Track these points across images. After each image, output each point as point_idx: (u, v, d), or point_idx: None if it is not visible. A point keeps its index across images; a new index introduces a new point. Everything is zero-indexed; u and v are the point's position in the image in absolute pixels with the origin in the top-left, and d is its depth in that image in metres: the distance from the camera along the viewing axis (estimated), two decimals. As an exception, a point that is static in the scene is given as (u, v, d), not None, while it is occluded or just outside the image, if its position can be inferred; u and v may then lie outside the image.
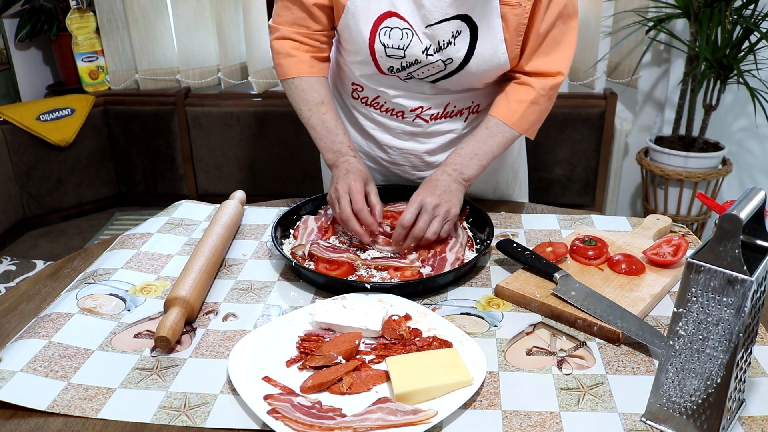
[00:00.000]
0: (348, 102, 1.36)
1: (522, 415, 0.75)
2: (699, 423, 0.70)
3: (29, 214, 2.54)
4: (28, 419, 0.76)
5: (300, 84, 1.25)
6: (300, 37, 1.24)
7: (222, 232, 1.12)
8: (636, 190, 2.98)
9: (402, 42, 1.16)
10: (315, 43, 1.25)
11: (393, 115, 1.30)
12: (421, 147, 1.33)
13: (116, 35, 2.72)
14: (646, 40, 2.57)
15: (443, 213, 1.10)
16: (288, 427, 0.71)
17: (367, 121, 1.34)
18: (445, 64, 1.17)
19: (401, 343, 0.87)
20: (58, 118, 2.52)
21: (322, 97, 1.24)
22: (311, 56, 1.26)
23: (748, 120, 2.70)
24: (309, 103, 1.23)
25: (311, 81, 1.25)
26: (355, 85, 1.31)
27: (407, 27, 1.15)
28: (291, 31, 1.24)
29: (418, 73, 1.20)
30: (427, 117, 1.28)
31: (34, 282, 1.08)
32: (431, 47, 1.16)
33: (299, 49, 1.25)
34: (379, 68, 1.21)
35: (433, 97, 1.25)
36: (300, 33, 1.24)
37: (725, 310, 0.65)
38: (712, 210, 1.47)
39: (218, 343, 0.89)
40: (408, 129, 1.31)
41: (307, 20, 1.23)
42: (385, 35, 1.16)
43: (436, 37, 1.15)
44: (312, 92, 1.24)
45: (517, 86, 1.21)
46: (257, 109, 2.64)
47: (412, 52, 1.16)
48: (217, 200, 1.36)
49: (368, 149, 1.38)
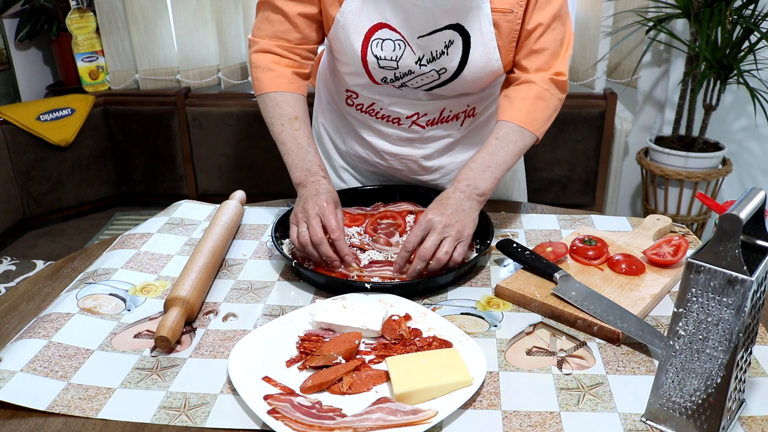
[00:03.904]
0: (343, 109, 1.35)
1: (522, 415, 0.75)
2: (699, 423, 0.70)
3: (29, 214, 2.54)
4: (28, 419, 0.76)
5: (276, 98, 1.19)
6: (281, 51, 1.20)
7: (222, 232, 1.12)
8: (636, 190, 2.98)
9: (395, 53, 1.14)
10: (296, 57, 1.21)
11: (389, 122, 1.28)
12: (418, 152, 1.32)
13: (116, 35, 2.72)
14: (646, 40, 2.58)
15: (455, 234, 1.01)
16: (288, 427, 0.71)
17: (363, 127, 1.33)
18: (439, 73, 1.17)
19: (401, 343, 0.87)
20: (58, 118, 2.52)
21: (297, 113, 1.18)
22: (292, 71, 1.21)
23: (748, 120, 2.70)
24: (282, 118, 1.17)
25: (287, 96, 1.19)
26: (349, 92, 1.29)
27: (399, 38, 1.13)
28: (271, 44, 1.20)
29: (412, 82, 1.19)
30: (423, 123, 1.27)
31: (34, 282, 1.08)
32: (424, 57, 1.15)
33: (279, 63, 1.21)
34: (373, 79, 1.20)
35: (428, 104, 1.24)
36: (281, 46, 1.20)
37: (725, 310, 0.65)
38: (712, 210, 1.47)
39: (218, 343, 0.89)
40: (404, 135, 1.29)
41: (289, 32, 1.19)
42: (377, 47, 1.15)
43: (428, 47, 1.14)
44: (287, 106, 1.18)
45: (518, 87, 1.18)
46: (257, 109, 2.61)
47: (405, 63, 1.15)
48: (217, 200, 1.36)
49: (365, 155, 1.37)
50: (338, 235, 1.03)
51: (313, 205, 1.06)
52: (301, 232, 1.04)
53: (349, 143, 1.38)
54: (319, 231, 1.02)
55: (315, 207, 1.05)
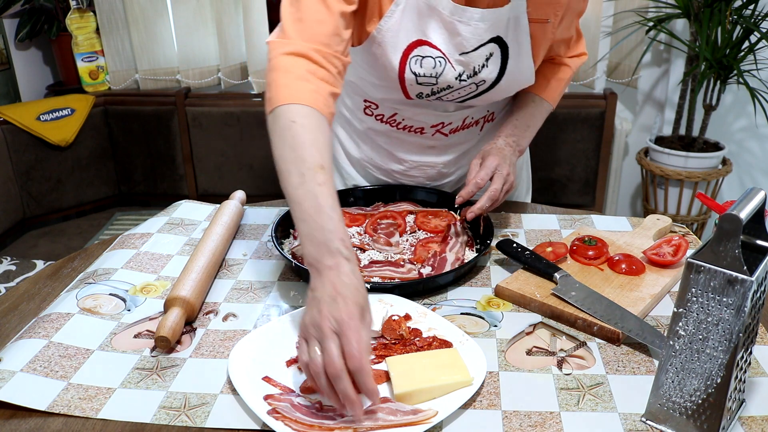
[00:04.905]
0: (358, 117, 1.29)
1: (522, 415, 0.75)
2: (699, 423, 0.70)
3: (29, 214, 2.54)
4: (28, 419, 0.76)
5: (305, 126, 0.88)
6: (318, 57, 0.95)
7: (222, 232, 1.12)
8: (636, 190, 2.98)
9: (435, 70, 1.09)
10: (332, 69, 0.97)
11: (411, 132, 1.25)
12: (439, 159, 1.30)
13: (116, 35, 2.72)
14: (646, 40, 2.58)
15: (511, 182, 1.13)
16: (288, 427, 0.71)
17: (381, 136, 1.29)
18: (477, 86, 1.14)
19: (401, 343, 0.87)
20: (58, 118, 2.52)
21: (324, 160, 0.87)
22: (330, 91, 0.95)
23: (748, 120, 2.70)
24: (303, 165, 0.85)
25: (319, 127, 0.90)
26: (368, 102, 1.24)
27: (440, 55, 1.08)
28: (308, 47, 0.95)
29: (448, 96, 1.16)
30: (446, 132, 1.25)
31: (34, 282, 1.08)
32: (464, 73, 1.11)
33: (316, 74, 0.94)
34: (407, 95, 1.14)
35: (453, 114, 1.22)
36: (319, 51, 0.95)
37: (725, 310, 0.65)
38: (712, 210, 1.47)
39: (218, 343, 0.89)
40: (427, 143, 1.27)
41: (330, 36, 0.97)
42: (416, 64, 1.09)
43: (471, 63, 1.10)
44: (312, 149, 0.87)
45: (554, 66, 1.27)
46: (257, 109, 2.64)
47: (445, 79, 1.11)
48: (217, 200, 1.35)
49: (380, 162, 1.33)
50: (360, 364, 0.70)
51: (329, 317, 0.73)
52: (312, 356, 0.73)
53: (363, 150, 1.34)
54: (336, 359, 0.71)
55: (331, 320, 0.73)
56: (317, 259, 0.80)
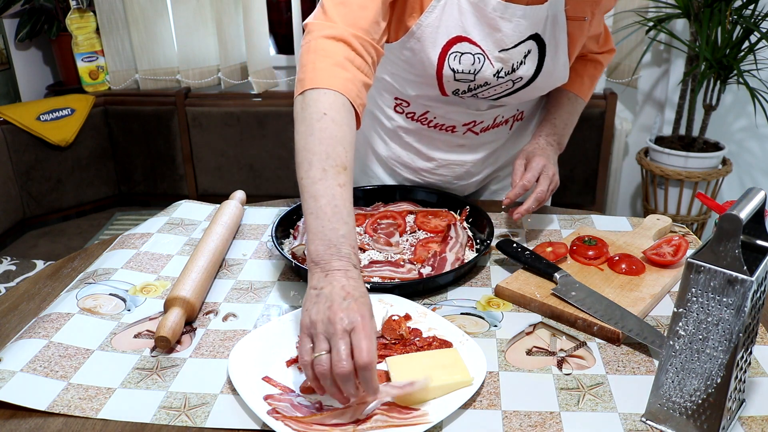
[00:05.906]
0: (388, 114, 1.27)
1: (522, 415, 0.75)
2: (699, 423, 0.70)
3: (29, 214, 2.54)
4: (28, 419, 0.76)
5: (336, 120, 0.87)
6: (357, 44, 0.93)
7: (222, 232, 1.12)
8: (636, 190, 2.98)
9: (473, 67, 1.08)
10: (369, 59, 0.96)
11: (442, 130, 1.24)
12: (469, 158, 1.29)
13: (116, 35, 2.72)
14: (646, 40, 2.58)
15: (556, 182, 1.16)
16: (288, 427, 0.71)
17: (411, 135, 1.27)
18: (514, 83, 1.14)
19: (401, 343, 0.87)
20: (58, 118, 2.53)
21: (347, 162, 0.86)
22: (363, 82, 0.94)
23: (748, 120, 2.70)
24: (328, 160, 0.84)
25: (349, 127, 0.88)
26: (399, 99, 1.22)
27: (479, 52, 1.07)
28: (350, 33, 0.93)
29: (484, 93, 1.14)
30: (477, 130, 1.24)
31: (34, 282, 1.08)
32: (503, 70, 1.10)
33: (353, 62, 0.93)
34: (443, 91, 1.13)
35: (486, 112, 1.22)
36: (358, 38, 0.94)
37: (725, 310, 0.65)
38: (712, 210, 1.47)
39: (218, 343, 0.89)
40: (457, 141, 1.26)
41: (371, 24, 0.96)
42: (455, 60, 1.07)
43: (509, 60, 1.10)
44: (339, 147, 0.85)
45: (585, 62, 1.29)
46: (257, 109, 2.64)
47: (482, 75, 1.10)
48: (217, 200, 1.36)
49: (408, 160, 1.31)
50: (371, 361, 0.70)
51: (342, 316, 0.72)
52: (319, 356, 0.71)
53: (391, 148, 1.33)
54: (346, 359, 0.70)
55: (345, 319, 0.72)
56: (325, 259, 0.79)
